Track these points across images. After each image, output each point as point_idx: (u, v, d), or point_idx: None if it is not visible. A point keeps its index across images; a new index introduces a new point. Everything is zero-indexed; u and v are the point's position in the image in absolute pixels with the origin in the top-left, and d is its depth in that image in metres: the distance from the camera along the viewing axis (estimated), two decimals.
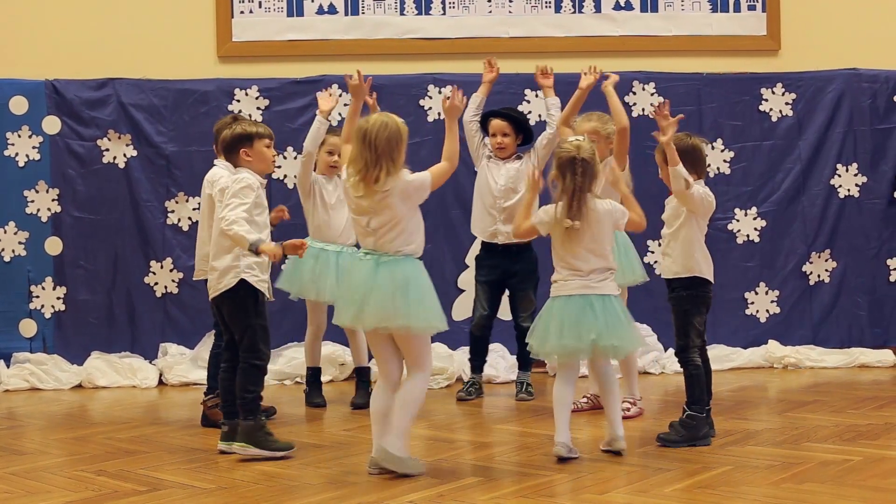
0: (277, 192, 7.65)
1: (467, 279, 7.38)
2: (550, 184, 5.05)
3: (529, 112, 7.78)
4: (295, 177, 7.66)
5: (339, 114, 7.71)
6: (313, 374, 6.59)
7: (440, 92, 7.73)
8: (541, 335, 4.96)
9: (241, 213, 4.96)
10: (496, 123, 6.63)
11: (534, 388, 6.66)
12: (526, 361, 6.74)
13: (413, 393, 4.67)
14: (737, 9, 7.96)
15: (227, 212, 4.96)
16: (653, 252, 7.64)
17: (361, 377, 6.53)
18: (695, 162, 5.25)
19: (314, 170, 6.44)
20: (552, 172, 5.01)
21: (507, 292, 6.67)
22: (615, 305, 4.95)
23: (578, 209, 4.87)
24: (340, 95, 6.92)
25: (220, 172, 5.55)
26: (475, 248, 6.99)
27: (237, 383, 5.11)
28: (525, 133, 6.70)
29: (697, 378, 5.22)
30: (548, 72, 6.69)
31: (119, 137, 7.60)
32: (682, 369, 5.33)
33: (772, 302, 7.89)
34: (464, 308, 7.49)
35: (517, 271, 6.57)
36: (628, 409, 5.85)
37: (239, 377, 5.12)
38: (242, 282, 5.08)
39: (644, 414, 5.99)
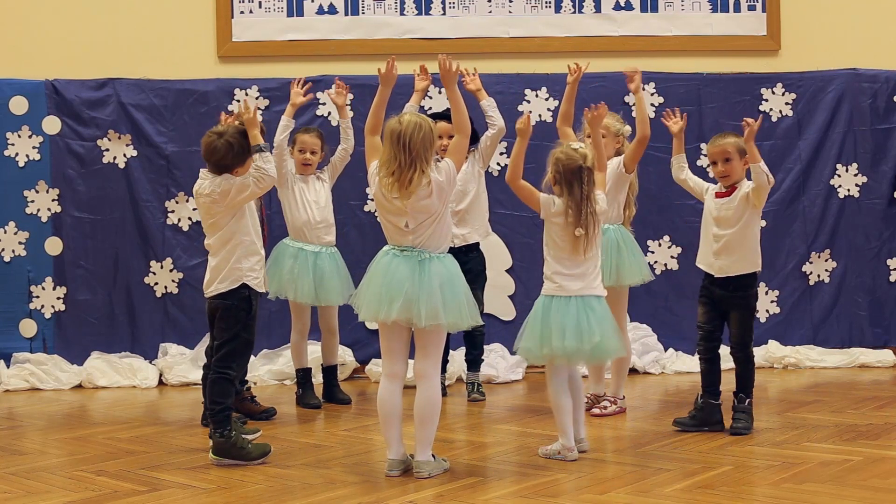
0: (277, 192, 7.64)
1: None
2: (549, 184, 5.07)
3: (530, 112, 7.78)
4: None
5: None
6: (304, 375, 6.59)
7: (440, 92, 7.73)
8: (537, 338, 4.93)
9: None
10: (441, 126, 6.59)
11: (485, 390, 6.75)
12: (475, 362, 6.77)
13: (433, 402, 4.66)
14: (737, 9, 7.96)
15: (248, 186, 5.02)
16: (653, 252, 7.65)
17: (331, 375, 6.63)
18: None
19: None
20: (551, 176, 5.03)
21: None
22: (607, 307, 5.00)
23: (587, 217, 4.91)
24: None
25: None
26: None
27: (207, 394, 5.09)
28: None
29: (754, 370, 5.54)
30: (472, 74, 6.57)
31: (119, 137, 7.60)
32: (742, 360, 5.47)
33: (772, 302, 7.88)
34: None
35: (466, 271, 6.51)
36: (606, 408, 6.00)
37: (209, 388, 5.07)
38: (243, 286, 5.05)
39: (626, 412, 6.02)
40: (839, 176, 7.90)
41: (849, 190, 7.90)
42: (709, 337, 5.51)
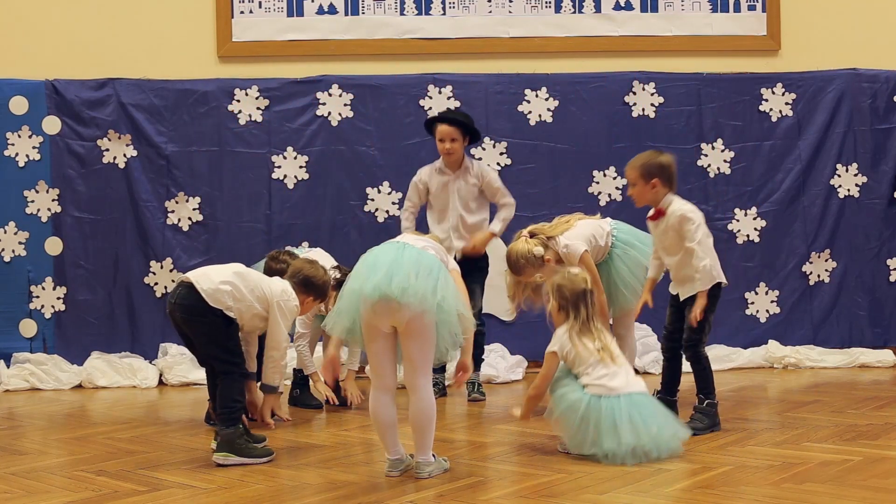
0: (277, 193, 7.67)
1: None
2: (551, 314, 5.15)
3: (530, 112, 7.79)
4: (296, 177, 7.69)
5: (340, 113, 7.74)
6: (304, 377, 6.58)
7: (440, 92, 7.74)
8: (588, 437, 4.87)
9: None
10: (443, 129, 6.58)
11: (485, 390, 6.75)
12: (476, 362, 6.75)
13: (427, 412, 4.58)
14: (737, 9, 7.97)
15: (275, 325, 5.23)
16: None
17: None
18: (669, 178, 5.43)
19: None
20: (555, 303, 5.08)
21: None
22: (653, 401, 5.05)
23: (596, 333, 5.02)
24: None
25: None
26: None
27: (222, 394, 5.05)
28: (472, 135, 6.67)
29: (709, 369, 5.50)
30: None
31: (119, 137, 7.60)
32: (691, 360, 5.51)
33: (772, 302, 7.89)
34: None
35: (469, 268, 6.47)
36: None
37: (226, 387, 5.05)
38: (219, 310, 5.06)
39: None
40: (839, 176, 7.90)
41: (849, 190, 7.90)
42: (669, 337, 5.65)
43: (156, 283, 7.64)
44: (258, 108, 7.69)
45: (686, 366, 5.64)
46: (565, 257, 5.81)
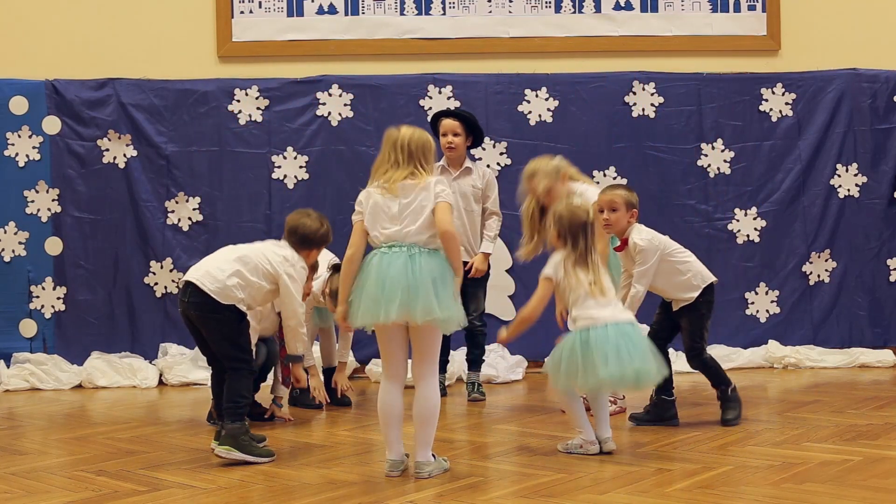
0: (277, 193, 7.67)
1: None
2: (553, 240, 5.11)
3: (530, 112, 7.79)
4: (296, 177, 7.68)
5: (340, 113, 7.74)
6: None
7: (440, 92, 7.74)
8: (578, 369, 4.87)
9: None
10: (447, 123, 6.59)
11: (485, 390, 6.79)
12: (476, 362, 6.77)
13: (432, 403, 4.61)
14: (737, 9, 7.97)
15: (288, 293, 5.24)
16: None
17: (332, 377, 6.58)
18: (638, 211, 5.61)
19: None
20: (555, 232, 5.06)
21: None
22: (639, 331, 5.01)
23: (591, 265, 5.01)
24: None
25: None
26: None
27: (230, 388, 5.05)
28: (475, 133, 6.67)
29: (717, 364, 5.67)
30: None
31: (119, 137, 7.61)
32: (699, 367, 5.63)
33: (772, 302, 7.89)
34: None
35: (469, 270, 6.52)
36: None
37: (234, 383, 5.06)
38: (233, 307, 5.08)
39: (626, 412, 6.01)
40: (839, 176, 7.90)
41: (849, 190, 7.90)
42: (654, 335, 5.63)
43: (156, 283, 7.64)
44: (258, 108, 7.69)
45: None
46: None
